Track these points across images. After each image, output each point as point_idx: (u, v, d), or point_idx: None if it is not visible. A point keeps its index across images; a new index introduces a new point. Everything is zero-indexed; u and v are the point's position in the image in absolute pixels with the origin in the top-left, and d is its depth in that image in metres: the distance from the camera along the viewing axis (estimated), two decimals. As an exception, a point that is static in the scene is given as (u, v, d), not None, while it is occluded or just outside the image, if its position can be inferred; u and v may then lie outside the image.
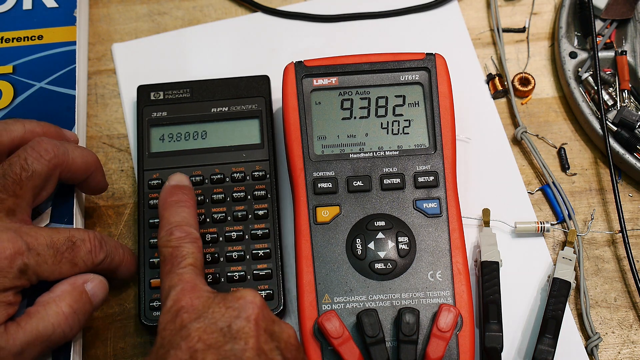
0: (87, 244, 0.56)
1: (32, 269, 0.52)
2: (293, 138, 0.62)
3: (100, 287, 0.56)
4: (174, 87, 0.67)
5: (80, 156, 0.58)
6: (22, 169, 0.54)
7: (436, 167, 0.61)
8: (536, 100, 0.71)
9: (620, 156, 0.66)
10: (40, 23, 0.70)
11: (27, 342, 0.51)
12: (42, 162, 0.55)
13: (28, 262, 0.52)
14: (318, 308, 0.57)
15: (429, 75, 0.64)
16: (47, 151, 0.56)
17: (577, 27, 0.72)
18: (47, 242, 0.53)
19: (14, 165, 0.54)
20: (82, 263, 0.55)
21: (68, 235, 0.55)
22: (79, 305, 0.54)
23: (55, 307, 0.53)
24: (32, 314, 0.52)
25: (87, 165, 0.59)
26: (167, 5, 0.75)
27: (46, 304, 0.53)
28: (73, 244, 0.55)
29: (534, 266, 0.64)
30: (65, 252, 0.54)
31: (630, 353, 0.61)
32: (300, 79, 0.63)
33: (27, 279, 0.52)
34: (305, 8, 0.75)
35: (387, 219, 0.60)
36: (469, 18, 0.75)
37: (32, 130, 0.58)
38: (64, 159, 0.57)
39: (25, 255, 0.52)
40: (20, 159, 0.55)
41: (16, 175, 0.54)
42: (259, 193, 0.63)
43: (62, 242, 0.54)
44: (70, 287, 0.54)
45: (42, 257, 0.53)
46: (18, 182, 0.54)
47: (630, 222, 0.66)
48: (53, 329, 0.52)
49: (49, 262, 0.53)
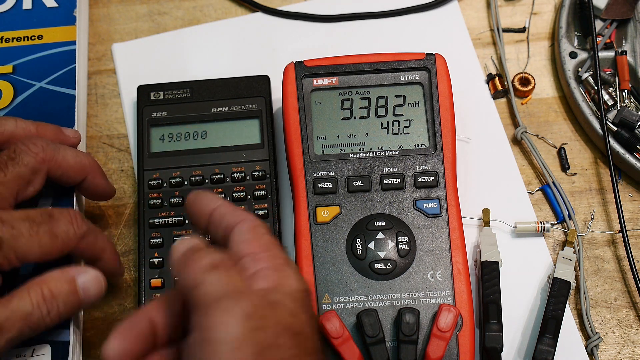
0: (66, 214, 0.54)
1: (7, 243, 0.51)
2: (293, 138, 0.62)
3: (94, 282, 0.53)
4: (174, 87, 0.67)
5: (73, 156, 0.58)
6: (9, 158, 0.54)
7: (436, 167, 0.61)
8: (536, 100, 0.71)
9: (620, 156, 0.66)
10: (40, 23, 0.70)
11: (6, 317, 0.50)
12: (30, 154, 0.55)
13: (2, 236, 0.50)
14: (318, 308, 0.57)
15: (429, 75, 0.64)
16: (36, 145, 0.56)
17: (577, 27, 0.72)
18: (21, 216, 0.52)
19: (2, 155, 0.55)
20: (64, 234, 0.53)
21: (45, 210, 0.54)
22: (61, 292, 0.52)
23: (36, 288, 0.51)
24: (14, 293, 0.51)
25: (81, 165, 0.58)
26: (167, 5, 0.75)
27: (30, 284, 0.52)
28: (50, 216, 0.53)
29: (534, 266, 0.64)
30: (42, 223, 0.52)
31: (630, 353, 0.61)
32: (300, 79, 0.63)
33: (3, 256, 0.51)
34: (305, 8, 0.75)
35: (387, 219, 0.60)
36: (469, 18, 0.75)
37: (25, 127, 0.58)
38: (53, 154, 0.56)
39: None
40: (9, 150, 0.55)
41: (2, 162, 0.54)
42: (259, 193, 0.63)
43: (38, 215, 0.53)
44: (59, 273, 0.52)
45: (17, 230, 0.51)
46: (2, 169, 0.54)
47: (630, 222, 0.66)
48: (31, 308, 0.51)
49: (25, 234, 0.51)
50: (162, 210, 0.63)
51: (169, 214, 0.63)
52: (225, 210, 0.50)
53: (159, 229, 0.62)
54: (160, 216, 0.63)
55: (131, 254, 0.64)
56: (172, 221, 0.62)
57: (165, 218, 0.62)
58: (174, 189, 0.63)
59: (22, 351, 0.56)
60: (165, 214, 0.63)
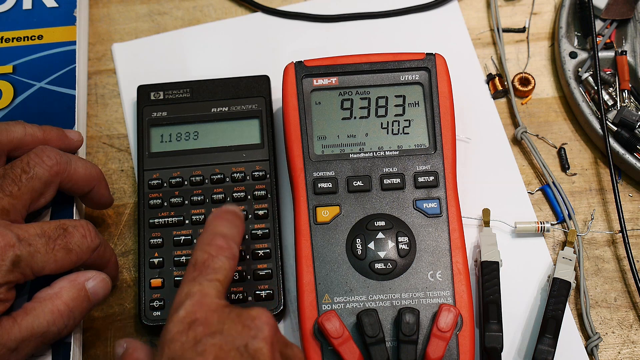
0: (80, 229, 0.55)
1: (24, 261, 0.52)
2: (293, 138, 0.62)
3: (102, 285, 0.55)
4: (174, 87, 0.67)
5: (83, 167, 0.58)
6: (23, 171, 0.55)
7: (436, 167, 0.61)
8: (536, 100, 0.71)
9: (620, 156, 0.66)
10: (40, 23, 0.70)
11: (22, 338, 0.51)
12: (44, 167, 0.55)
13: (20, 254, 0.51)
14: (318, 308, 0.57)
15: (429, 75, 0.64)
16: (50, 158, 0.56)
17: (577, 27, 0.72)
18: (37, 232, 0.53)
19: (15, 167, 0.55)
20: (77, 248, 0.54)
21: (59, 223, 0.54)
22: (75, 304, 0.53)
23: (50, 305, 0.52)
24: (28, 310, 0.52)
25: (90, 177, 0.59)
26: (167, 5, 0.75)
27: (42, 301, 0.53)
28: (65, 230, 0.54)
29: (534, 266, 0.64)
30: (58, 238, 0.53)
31: (630, 353, 0.61)
32: (300, 79, 0.63)
33: (20, 272, 0.52)
34: (305, 8, 0.75)
35: (387, 219, 0.60)
36: (469, 18, 0.75)
37: (33, 134, 0.58)
38: (66, 167, 0.57)
39: (16, 247, 0.51)
40: (22, 162, 0.55)
41: (16, 176, 0.54)
42: (259, 193, 0.63)
43: (53, 229, 0.54)
44: (69, 284, 0.54)
45: (33, 247, 0.52)
46: (17, 182, 0.54)
47: (630, 222, 0.66)
48: (47, 327, 0.52)
49: (42, 251, 0.52)
50: (162, 210, 0.63)
51: (169, 214, 0.63)
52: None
53: (159, 229, 0.62)
54: (160, 216, 0.63)
55: (131, 254, 0.64)
56: (172, 221, 0.62)
57: (165, 218, 0.62)
58: (174, 189, 0.64)
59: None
60: (165, 214, 0.63)
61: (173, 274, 0.61)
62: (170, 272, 0.61)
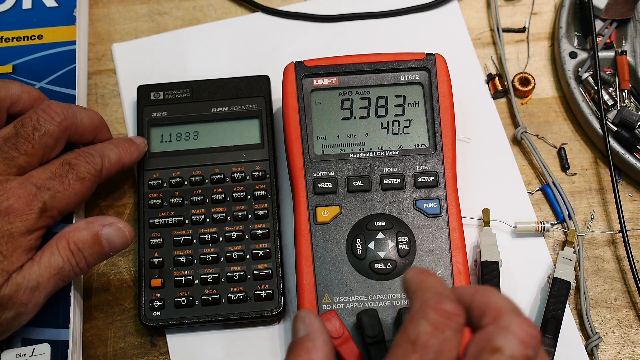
0: (81, 157, 0.58)
1: (49, 205, 0.55)
2: (293, 138, 0.62)
3: (118, 233, 0.56)
4: (174, 87, 0.67)
5: (88, 117, 0.61)
6: (35, 129, 0.57)
7: (436, 167, 0.61)
8: (536, 100, 0.71)
9: (620, 156, 0.66)
10: (40, 22, 0.70)
11: (41, 275, 0.53)
12: (53, 123, 0.57)
13: (45, 200, 0.55)
14: (318, 308, 0.57)
15: (429, 75, 0.64)
16: (58, 113, 0.58)
17: (577, 27, 0.72)
18: (49, 175, 0.56)
19: (27, 125, 0.57)
20: (89, 175, 0.58)
21: (61, 160, 0.57)
22: (86, 245, 0.55)
23: (64, 241, 0.55)
24: (45, 248, 0.54)
25: (94, 126, 0.62)
26: (167, 5, 0.75)
27: (58, 238, 0.55)
28: (70, 164, 0.57)
29: (534, 266, 0.64)
30: (68, 173, 0.57)
31: (630, 353, 0.61)
32: (300, 79, 0.63)
33: (48, 216, 0.55)
34: (305, 8, 0.75)
35: (387, 219, 0.60)
36: (469, 18, 0.75)
37: (29, 91, 0.60)
38: (74, 120, 0.59)
39: (38, 195, 0.54)
40: (32, 119, 0.57)
41: (28, 134, 0.56)
42: (259, 193, 0.63)
43: (59, 168, 0.57)
44: (84, 225, 0.56)
45: (53, 190, 0.55)
46: (30, 140, 0.56)
47: (630, 222, 0.66)
48: (62, 263, 0.54)
49: (61, 190, 0.56)
50: (162, 210, 0.63)
51: (169, 214, 0.63)
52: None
53: (159, 229, 0.62)
54: (160, 216, 0.63)
55: (131, 254, 0.64)
56: (172, 221, 0.62)
57: (165, 218, 0.62)
58: (174, 189, 0.64)
59: (22, 351, 0.57)
60: (165, 214, 0.63)
61: (173, 274, 0.61)
62: (170, 272, 0.61)
